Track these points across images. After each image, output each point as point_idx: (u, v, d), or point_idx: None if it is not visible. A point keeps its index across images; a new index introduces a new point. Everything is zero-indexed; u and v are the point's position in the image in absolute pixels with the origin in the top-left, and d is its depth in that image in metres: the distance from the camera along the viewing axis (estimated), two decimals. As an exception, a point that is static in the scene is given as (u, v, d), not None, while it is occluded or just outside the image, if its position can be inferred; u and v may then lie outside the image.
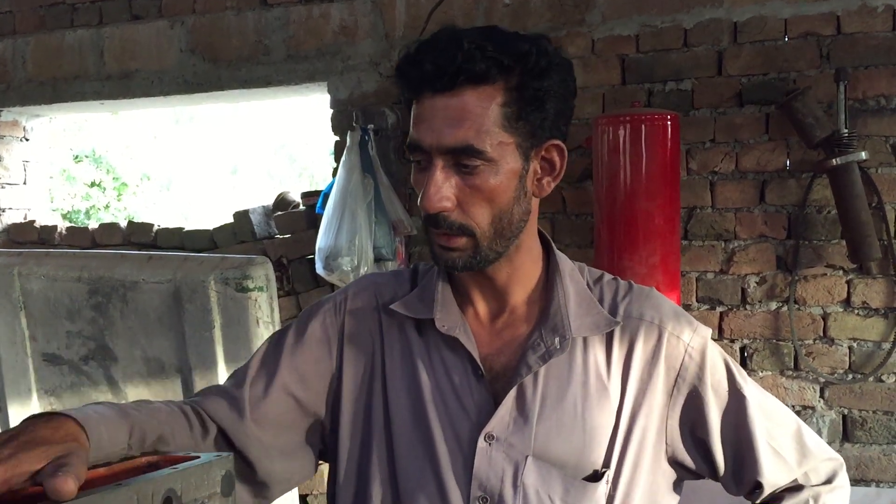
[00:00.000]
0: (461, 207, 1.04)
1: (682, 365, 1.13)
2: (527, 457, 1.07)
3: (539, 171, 1.09)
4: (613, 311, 1.14)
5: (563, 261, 1.17)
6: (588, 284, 1.17)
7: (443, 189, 1.03)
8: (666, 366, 1.13)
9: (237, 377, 1.19)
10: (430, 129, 1.02)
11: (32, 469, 0.76)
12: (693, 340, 1.14)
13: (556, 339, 1.09)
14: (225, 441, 1.13)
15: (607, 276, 1.20)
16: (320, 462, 1.23)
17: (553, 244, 1.19)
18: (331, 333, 1.18)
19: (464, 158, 1.02)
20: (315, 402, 1.17)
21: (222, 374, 1.77)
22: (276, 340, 1.20)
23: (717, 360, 1.16)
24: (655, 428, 1.12)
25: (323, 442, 1.20)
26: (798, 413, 2.76)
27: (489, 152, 1.02)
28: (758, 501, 1.19)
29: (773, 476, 1.15)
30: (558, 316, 1.11)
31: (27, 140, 3.99)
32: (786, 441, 1.17)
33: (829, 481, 1.20)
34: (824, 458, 1.20)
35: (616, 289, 1.17)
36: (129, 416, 0.97)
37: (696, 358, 1.14)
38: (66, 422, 0.86)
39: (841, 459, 1.22)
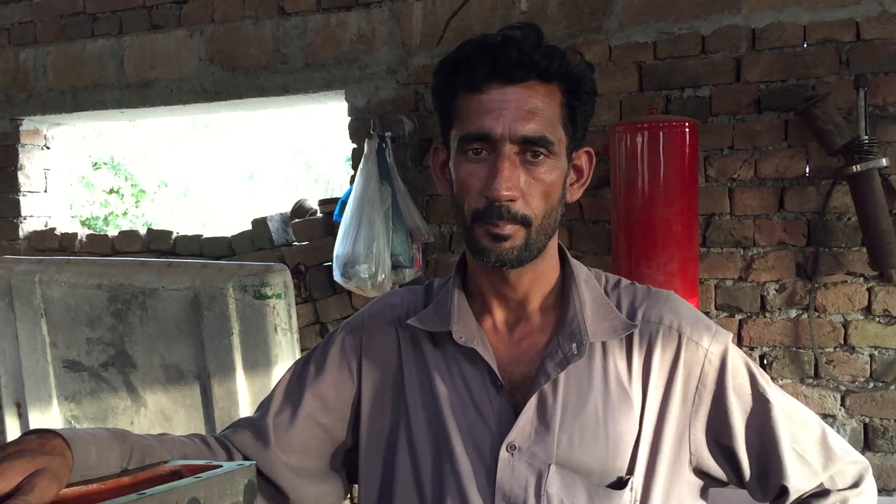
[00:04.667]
0: (523, 198, 1.05)
1: (702, 371, 1.12)
2: (550, 465, 1.07)
3: (573, 177, 1.13)
4: (632, 316, 1.13)
5: (579, 268, 1.17)
6: (605, 290, 1.17)
7: (513, 177, 1.04)
8: (685, 372, 1.12)
9: (262, 408, 1.21)
10: (502, 117, 1.04)
11: (15, 480, 0.82)
12: (713, 346, 1.13)
13: (574, 345, 1.09)
14: None
15: (625, 282, 1.20)
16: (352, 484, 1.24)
17: (567, 252, 1.19)
18: (350, 357, 1.20)
19: (534, 149, 1.05)
20: (339, 426, 1.18)
21: (240, 382, 1.77)
22: (299, 370, 1.22)
23: (738, 364, 1.15)
24: (677, 436, 1.11)
25: (350, 463, 1.21)
26: (818, 422, 2.74)
27: (555, 146, 1.06)
28: None
29: (798, 481, 1.14)
30: (575, 322, 1.11)
31: (48, 148, 4.03)
32: (810, 445, 1.16)
33: (855, 485, 1.18)
34: (850, 461, 1.18)
35: (634, 293, 1.17)
36: (128, 441, 0.99)
37: (716, 363, 1.13)
38: (54, 438, 0.90)
39: (867, 462, 1.21)
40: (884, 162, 2.57)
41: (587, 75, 1.09)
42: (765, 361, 2.80)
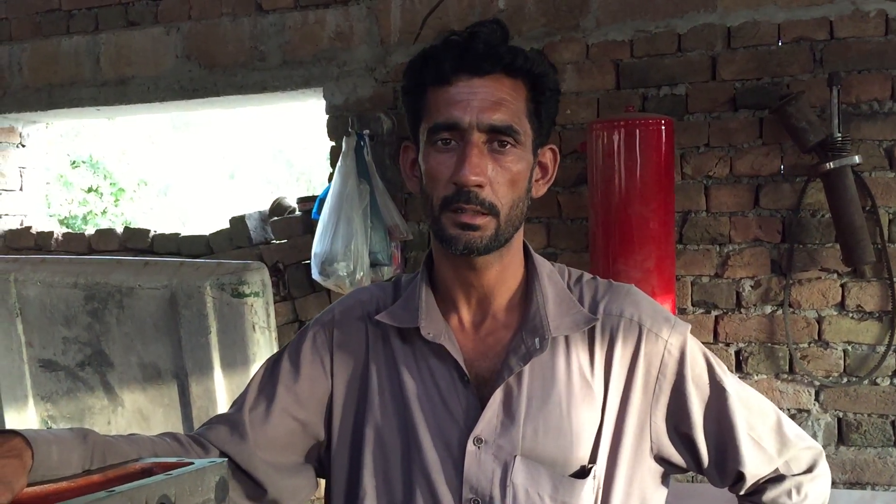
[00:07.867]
0: (490, 185, 1.07)
1: (661, 362, 1.15)
2: (515, 457, 1.09)
3: (538, 173, 1.16)
4: (593, 310, 1.16)
5: (542, 264, 1.20)
6: (568, 285, 1.20)
7: (481, 164, 1.06)
8: (646, 363, 1.15)
9: (236, 404, 1.21)
10: (470, 107, 1.07)
11: None
12: (672, 337, 1.16)
13: (536, 340, 1.11)
14: (230, 463, 1.14)
15: (587, 276, 1.22)
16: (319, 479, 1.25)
17: (531, 248, 1.21)
18: (322, 352, 1.21)
19: (501, 138, 1.07)
20: (314, 421, 1.19)
21: (218, 380, 1.77)
22: (272, 366, 1.23)
23: (696, 354, 1.18)
24: (639, 424, 1.14)
25: (319, 459, 1.22)
26: (793, 416, 2.77)
27: (521, 136, 1.08)
28: (741, 493, 1.21)
29: (754, 467, 1.18)
30: (537, 318, 1.13)
31: (23, 146, 3.99)
32: (766, 432, 1.19)
33: (809, 470, 1.22)
34: (804, 447, 1.22)
35: (596, 287, 1.20)
36: (90, 440, 0.98)
37: (676, 354, 1.16)
38: (13, 438, 0.89)
39: (820, 448, 1.24)
40: (857, 159, 2.60)
41: (550, 73, 1.12)
42: (740, 357, 2.83)
